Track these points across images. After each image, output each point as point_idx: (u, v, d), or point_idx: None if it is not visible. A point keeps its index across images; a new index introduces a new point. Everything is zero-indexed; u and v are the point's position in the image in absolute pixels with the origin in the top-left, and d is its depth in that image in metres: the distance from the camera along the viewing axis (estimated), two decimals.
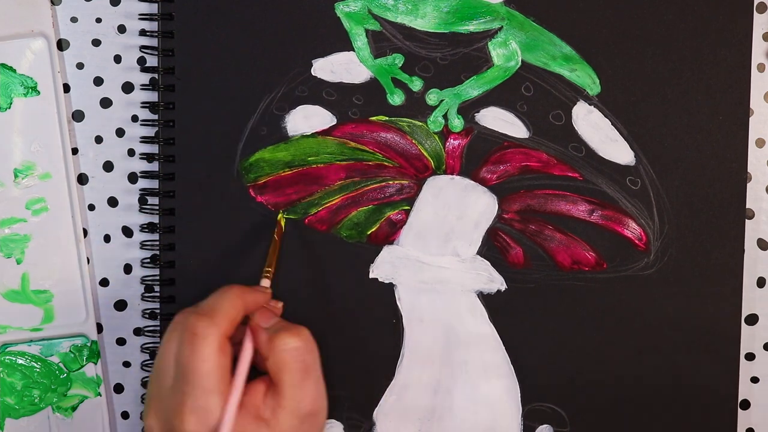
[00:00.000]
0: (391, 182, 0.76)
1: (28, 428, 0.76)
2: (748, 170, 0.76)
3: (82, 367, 0.76)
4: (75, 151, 0.77)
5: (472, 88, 0.76)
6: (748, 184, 0.76)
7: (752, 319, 0.77)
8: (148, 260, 0.77)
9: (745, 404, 0.78)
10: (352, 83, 0.76)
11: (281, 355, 0.67)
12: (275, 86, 0.75)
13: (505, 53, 0.75)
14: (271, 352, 0.67)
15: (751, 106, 0.76)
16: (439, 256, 0.76)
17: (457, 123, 0.76)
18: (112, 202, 0.77)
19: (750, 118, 0.76)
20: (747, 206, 0.76)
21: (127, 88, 0.77)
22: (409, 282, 0.76)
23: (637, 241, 0.76)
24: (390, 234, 0.76)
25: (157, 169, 0.76)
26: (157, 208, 0.76)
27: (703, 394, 0.77)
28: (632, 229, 0.76)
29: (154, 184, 0.77)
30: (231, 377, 0.66)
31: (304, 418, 0.67)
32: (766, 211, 0.77)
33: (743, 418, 0.77)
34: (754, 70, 0.76)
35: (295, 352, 0.67)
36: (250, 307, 0.69)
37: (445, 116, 0.76)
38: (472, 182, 0.76)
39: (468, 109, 0.76)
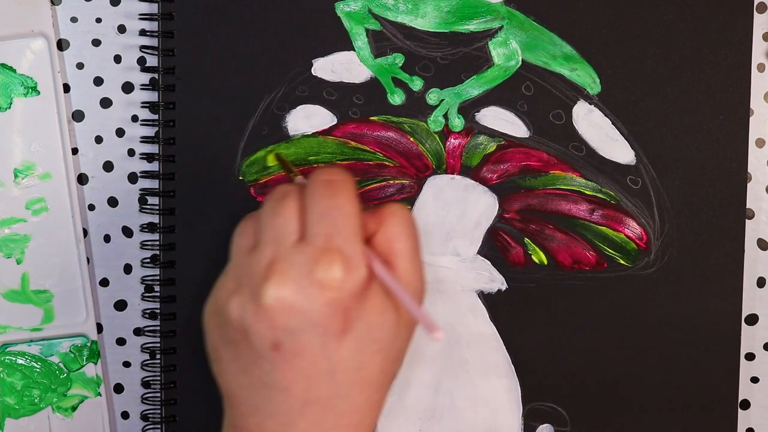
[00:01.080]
0: (391, 182, 0.76)
1: (28, 428, 0.76)
2: (748, 170, 0.76)
3: (82, 367, 0.76)
4: (75, 151, 0.77)
5: (472, 88, 0.76)
6: (748, 184, 0.76)
7: (752, 319, 0.77)
8: (148, 260, 0.77)
9: (745, 404, 0.78)
10: (353, 83, 0.76)
11: (395, 224, 0.61)
12: (276, 86, 0.75)
13: (506, 53, 0.75)
14: (381, 225, 0.61)
15: (751, 106, 0.76)
16: (440, 256, 0.76)
17: (457, 122, 0.76)
18: (112, 202, 0.77)
19: (750, 118, 0.76)
20: (747, 206, 0.76)
21: (127, 88, 0.77)
22: None
23: (637, 241, 0.76)
24: None
25: (158, 169, 0.76)
26: (157, 208, 0.76)
27: (703, 394, 0.77)
28: (633, 229, 0.76)
29: (154, 184, 0.76)
30: None
31: (416, 297, 0.61)
32: (766, 211, 0.77)
33: (743, 418, 0.77)
34: (754, 70, 0.76)
35: (409, 219, 0.61)
36: None
37: (445, 116, 0.76)
38: (473, 182, 0.76)
39: (468, 109, 0.76)
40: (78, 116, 0.77)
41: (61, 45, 0.76)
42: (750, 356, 0.78)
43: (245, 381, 0.61)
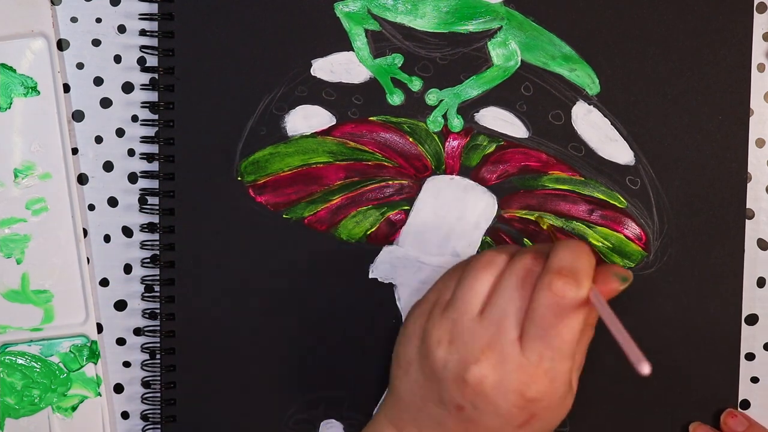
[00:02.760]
0: (390, 182, 0.76)
1: (28, 428, 0.76)
2: (748, 170, 0.76)
3: (82, 367, 0.76)
4: (75, 151, 0.77)
5: (471, 88, 0.76)
6: (748, 184, 0.76)
7: (752, 319, 0.77)
8: (148, 260, 0.77)
9: (745, 404, 0.78)
10: (352, 83, 0.76)
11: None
12: (275, 86, 0.75)
13: (505, 53, 0.75)
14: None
15: (751, 106, 0.76)
16: (439, 257, 0.76)
17: (456, 123, 0.76)
18: (112, 202, 0.77)
19: (750, 118, 0.76)
20: (747, 206, 0.76)
21: (127, 88, 0.77)
22: (408, 282, 0.76)
23: (636, 241, 0.76)
24: (389, 234, 0.76)
25: (157, 169, 0.76)
26: (157, 208, 0.76)
27: (703, 394, 0.77)
28: (632, 229, 0.76)
29: (154, 184, 0.77)
30: None
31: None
32: (766, 211, 0.77)
33: None
34: (754, 70, 0.76)
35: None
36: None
37: (444, 116, 0.76)
38: (472, 182, 0.76)
39: (467, 109, 0.76)
40: (78, 116, 0.77)
41: (61, 45, 0.76)
42: (750, 356, 0.78)
43: (419, 400, 0.66)
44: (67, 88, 0.76)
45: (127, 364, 0.78)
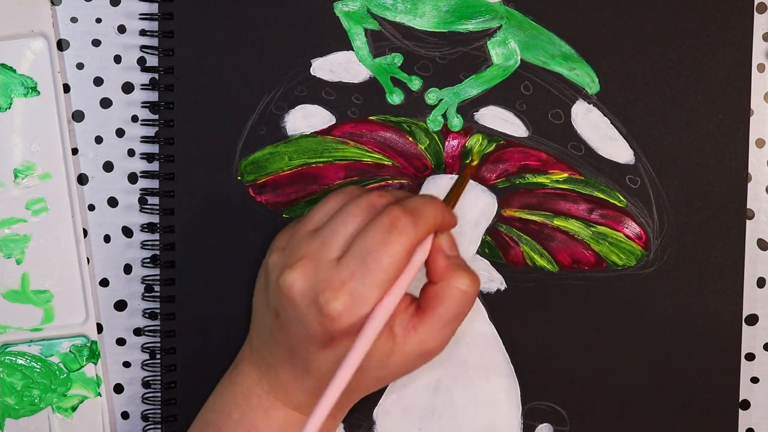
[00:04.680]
0: (390, 182, 0.76)
1: (28, 428, 0.76)
2: (749, 170, 0.76)
3: (82, 367, 0.76)
4: (75, 151, 0.77)
5: (471, 87, 0.76)
6: (748, 184, 0.76)
7: (752, 319, 0.77)
8: (149, 260, 0.77)
9: (745, 404, 0.78)
10: (351, 83, 0.76)
11: (449, 291, 0.65)
12: (274, 86, 0.75)
13: (504, 52, 0.76)
14: (441, 282, 0.65)
15: (751, 106, 0.76)
16: None
17: (456, 122, 0.76)
18: (112, 202, 0.77)
19: (750, 118, 0.76)
20: (747, 206, 0.76)
21: (127, 88, 0.77)
22: None
23: (636, 240, 0.76)
24: None
25: (157, 169, 0.76)
26: (157, 207, 0.76)
27: (703, 394, 0.76)
28: (632, 228, 0.76)
29: (154, 184, 0.77)
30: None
31: (425, 353, 0.66)
32: (766, 211, 0.77)
33: (743, 418, 0.77)
34: (754, 70, 0.76)
35: (463, 297, 0.65)
36: (441, 227, 0.66)
37: (444, 115, 0.76)
38: (472, 181, 0.76)
39: (467, 108, 0.76)
40: (78, 116, 0.77)
41: (61, 45, 0.76)
42: (750, 356, 0.77)
43: (259, 308, 0.69)
44: (67, 88, 0.77)
45: (127, 364, 0.78)
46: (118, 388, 0.78)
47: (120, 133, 0.77)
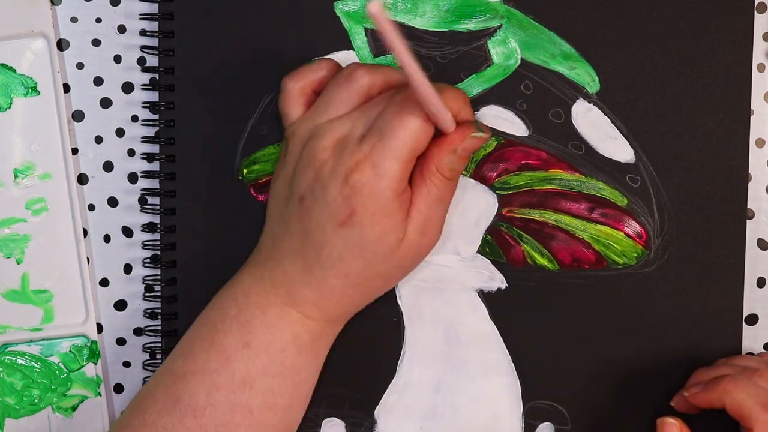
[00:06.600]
0: None
1: (28, 428, 0.76)
2: (749, 170, 0.76)
3: (82, 367, 0.76)
4: (75, 151, 0.77)
5: (471, 87, 0.76)
6: (748, 184, 0.76)
7: (752, 319, 0.77)
8: (149, 260, 0.77)
9: None
10: None
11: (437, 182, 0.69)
12: (275, 86, 0.75)
13: (505, 51, 0.76)
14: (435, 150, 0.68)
15: (751, 106, 0.76)
16: (440, 255, 0.76)
17: None
18: (112, 202, 0.77)
19: (750, 118, 0.76)
20: (747, 206, 0.76)
21: (127, 88, 0.77)
22: (409, 280, 0.76)
23: (636, 239, 0.76)
24: None
25: (158, 169, 0.76)
26: (158, 207, 0.76)
27: None
28: (632, 227, 0.76)
29: (154, 184, 0.77)
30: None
31: (424, 238, 0.70)
32: (766, 211, 0.77)
33: None
34: (754, 70, 0.76)
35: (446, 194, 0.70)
36: (460, 112, 0.69)
37: None
38: (473, 180, 0.76)
39: None
40: (78, 116, 0.77)
41: (61, 45, 0.76)
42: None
43: (277, 204, 0.71)
44: (67, 88, 0.77)
45: (127, 364, 0.78)
46: (118, 388, 0.78)
47: (120, 133, 0.77)
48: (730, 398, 0.70)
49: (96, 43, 0.77)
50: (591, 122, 0.76)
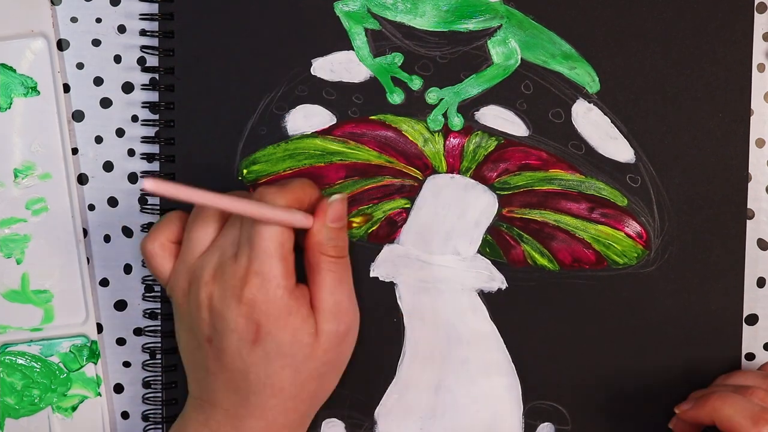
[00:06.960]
0: (391, 181, 0.76)
1: (28, 428, 0.76)
2: (749, 170, 0.76)
3: (82, 367, 0.76)
4: (75, 151, 0.77)
5: (471, 87, 0.76)
6: (748, 184, 0.76)
7: (752, 319, 0.77)
8: None
9: None
10: (352, 82, 0.76)
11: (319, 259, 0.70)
12: (275, 86, 0.75)
13: (505, 51, 0.76)
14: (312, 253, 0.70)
15: (751, 106, 0.76)
16: (440, 255, 0.76)
17: (456, 121, 0.76)
18: (112, 202, 0.77)
19: (750, 118, 0.76)
20: (747, 206, 0.76)
21: (127, 88, 0.77)
22: (409, 281, 0.76)
23: (637, 239, 0.76)
24: (390, 233, 0.76)
25: (158, 169, 0.76)
26: (157, 207, 0.76)
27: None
28: (632, 227, 0.76)
29: None
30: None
31: (341, 325, 0.70)
32: (766, 211, 0.77)
33: None
34: (754, 70, 0.76)
35: (334, 264, 0.70)
36: (308, 201, 0.71)
37: (444, 115, 0.76)
38: (473, 181, 0.76)
39: (468, 108, 0.76)
40: (78, 116, 0.77)
41: (61, 45, 0.76)
42: (750, 356, 0.78)
43: (189, 353, 0.71)
44: (67, 88, 0.77)
45: (127, 364, 0.78)
46: (118, 388, 0.78)
47: (120, 133, 0.77)
48: (719, 415, 0.69)
49: (96, 43, 0.77)
50: (591, 122, 0.76)
